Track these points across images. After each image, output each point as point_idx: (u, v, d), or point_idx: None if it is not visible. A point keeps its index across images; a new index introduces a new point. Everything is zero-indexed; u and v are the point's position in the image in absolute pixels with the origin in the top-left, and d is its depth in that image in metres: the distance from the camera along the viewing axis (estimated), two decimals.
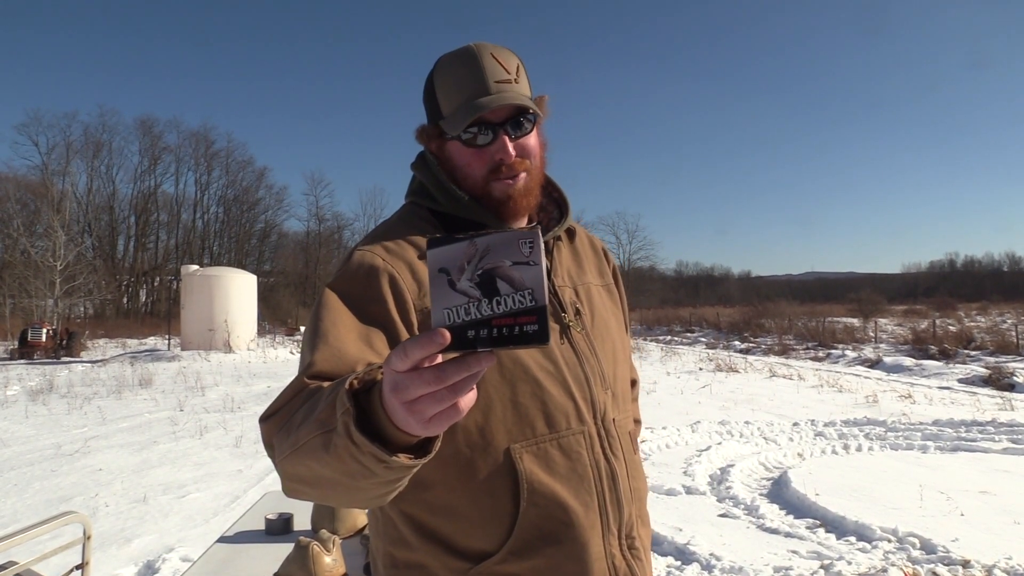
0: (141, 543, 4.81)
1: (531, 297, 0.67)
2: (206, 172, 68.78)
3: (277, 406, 1.03)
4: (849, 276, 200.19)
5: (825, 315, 36.94)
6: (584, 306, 1.31)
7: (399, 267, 1.17)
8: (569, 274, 1.34)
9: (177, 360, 20.76)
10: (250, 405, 11.62)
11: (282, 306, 51.09)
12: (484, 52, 1.22)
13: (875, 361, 18.95)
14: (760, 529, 5.04)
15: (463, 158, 1.24)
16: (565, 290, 1.30)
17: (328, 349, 1.05)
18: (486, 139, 1.21)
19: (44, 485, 6.43)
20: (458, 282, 0.68)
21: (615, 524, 1.21)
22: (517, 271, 0.67)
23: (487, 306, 0.67)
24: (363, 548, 2.23)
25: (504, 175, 1.23)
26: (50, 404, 11.89)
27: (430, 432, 0.74)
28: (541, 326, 0.66)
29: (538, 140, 1.28)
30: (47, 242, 35.70)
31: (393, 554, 1.21)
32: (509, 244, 0.68)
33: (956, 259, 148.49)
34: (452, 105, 1.22)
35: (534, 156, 1.26)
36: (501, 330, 0.67)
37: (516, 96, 1.20)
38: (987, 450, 7.63)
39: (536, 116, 1.25)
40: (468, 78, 1.20)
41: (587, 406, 1.22)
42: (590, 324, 1.30)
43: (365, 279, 1.15)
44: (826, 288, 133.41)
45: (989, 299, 69.71)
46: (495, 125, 1.21)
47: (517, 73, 1.23)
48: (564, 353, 1.23)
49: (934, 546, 4.54)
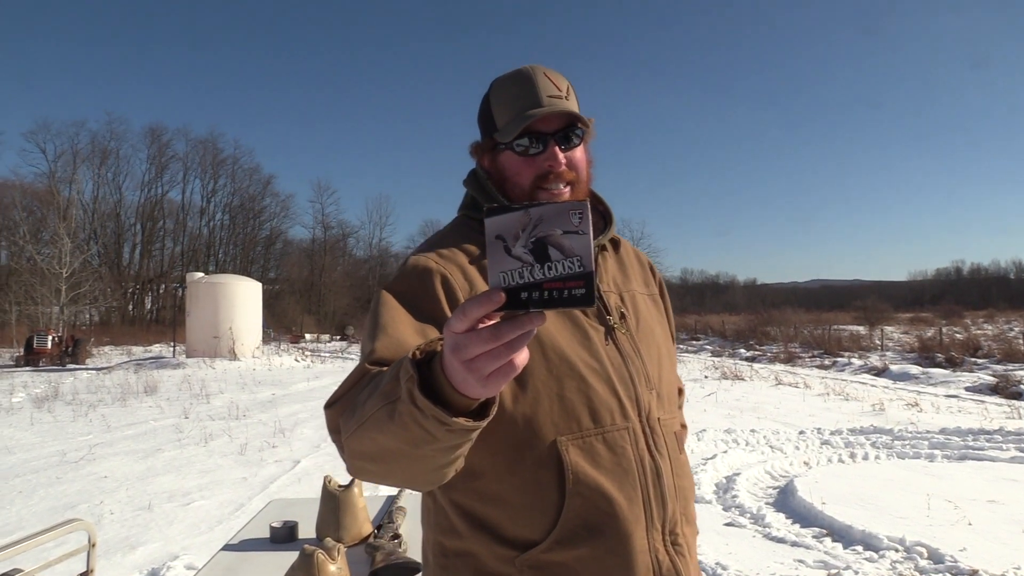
0: (146, 551, 4.81)
1: (579, 263, 0.72)
2: (212, 180, 69.10)
3: (341, 392, 1.10)
4: (855, 284, 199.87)
5: (831, 323, 36.87)
6: (629, 311, 1.36)
7: (451, 269, 1.24)
8: (615, 281, 1.39)
9: (182, 367, 20.79)
10: (255, 413, 11.63)
11: (287, 313, 51.25)
12: (537, 71, 1.30)
13: (881, 369, 18.90)
14: (766, 538, 5.01)
15: (514, 167, 1.31)
16: (610, 295, 1.35)
17: (387, 338, 1.12)
18: (537, 149, 1.28)
19: (49, 492, 6.43)
20: (513, 248, 0.73)
21: (659, 519, 1.24)
22: (567, 239, 0.73)
23: (539, 270, 0.73)
24: (368, 556, 2.22)
25: (551, 184, 1.29)
26: (55, 411, 11.91)
27: (488, 391, 0.79)
28: (588, 290, 0.72)
29: (585, 156, 1.35)
30: (53, 249, 35.79)
31: (443, 543, 1.26)
32: (560, 214, 0.73)
33: (962, 267, 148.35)
34: (505, 118, 1.29)
35: (581, 170, 1.33)
36: (551, 292, 0.72)
37: (566, 105, 1.27)
38: (995, 459, 7.58)
39: (584, 131, 1.32)
40: (521, 93, 1.28)
41: (632, 404, 1.26)
42: (635, 328, 1.35)
43: (419, 279, 1.22)
44: (832, 296, 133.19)
45: (996, 307, 69.57)
46: (546, 136, 1.28)
47: (567, 92, 1.31)
48: (609, 353, 1.27)
49: (942, 556, 4.51)
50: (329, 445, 8.59)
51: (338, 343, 42.28)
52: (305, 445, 8.63)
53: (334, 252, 73.20)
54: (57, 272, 33.92)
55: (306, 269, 70.38)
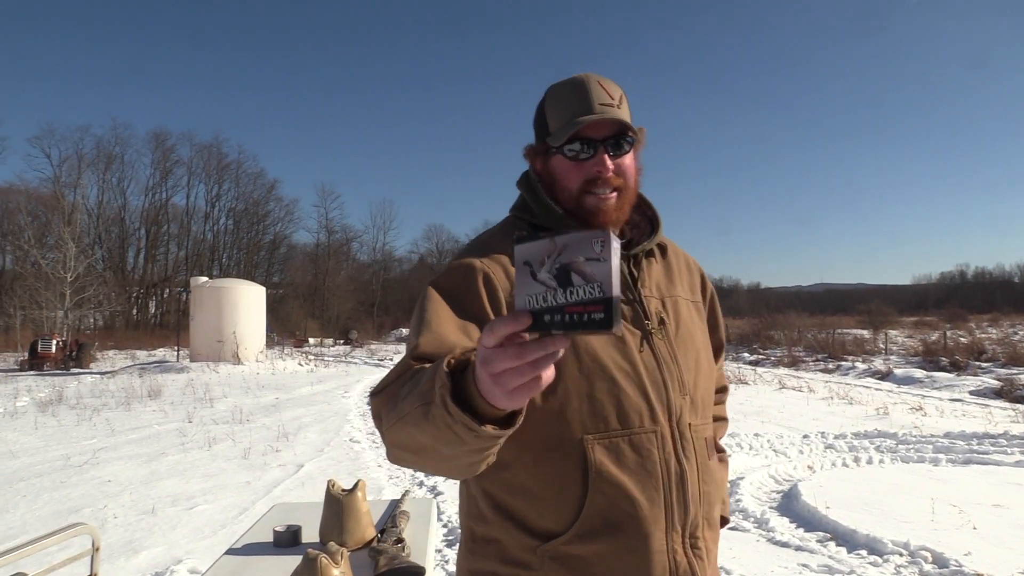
0: (149, 555, 4.81)
1: (600, 289, 0.77)
2: (216, 184, 69.24)
3: (385, 383, 1.18)
4: (859, 287, 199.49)
5: (835, 327, 36.80)
6: (669, 316, 1.39)
7: (494, 268, 1.30)
8: (658, 286, 1.42)
9: (186, 372, 20.81)
10: (259, 417, 11.63)
11: (291, 318, 51.28)
12: (591, 79, 1.34)
13: (885, 373, 18.86)
14: (770, 543, 5.00)
15: (563, 171, 1.35)
16: (651, 300, 1.38)
17: (431, 334, 1.19)
18: (587, 154, 1.32)
19: (53, 496, 6.44)
20: (539, 273, 0.79)
21: (680, 522, 1.27)
22: (589, 266, 0.77)
23: (561, 295, 0.78)
24: (371, 561, 2.22)
25: (599, 188, 1.33)
26: (59, 415, 11.93)
27: (513, 404, 0.86)
28: (607, 315, 0.76)
29: (634, 163, 1.38)
30: (58, 254, 35.84)
31: (473, 528, 1.34)
32: (583, 242, 0.78)
33: (967, 270, 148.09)
34: (558, 123, 1.34)
35: (629, 176, 1.36)
36: (572, 316, 0.77)
37: (617, 114, 1.31)
38: (999, 463, 7.56)
39: (634, 139, 1.36)
40: (575, 99, 1.32)
41: (662, 408, 1.29)
42: (673, 333, 1.37)
43: (463, 278, 1.29)
44: (836, 299, 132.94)
45: (1000, 310, 69.36)
46: (596, 142, 1.32)
47: (620, 101, 1.35)
48: (644, 357, 1.31)
49: (946, 560, 4.49)
50: (332, 449, 8.60)
51: (342, 347, 42.30)
52: (309, 449, 8.63)
53: (338, 256, 73.34)
54: (61, 277, 34.00)
55: (310, 273, 70.50)
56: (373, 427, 10.39)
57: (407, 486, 6.66)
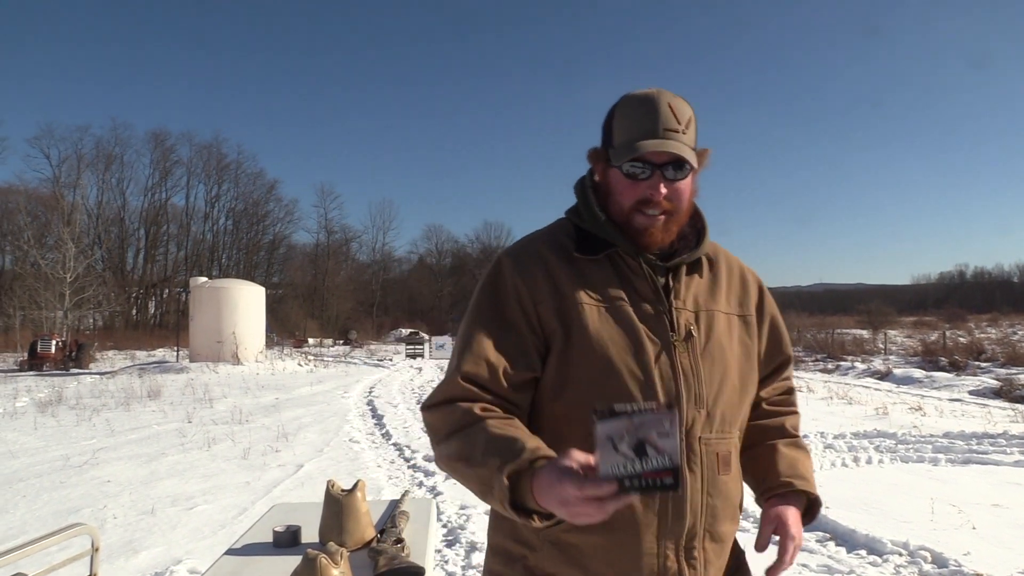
0: (149, 555, 4.81)
1: (669, 460, 0.98)
2: (216, 184, 69.20)
3: (436, 400, 1.36)
4: (858, 287, 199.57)
5: (834, 327, 36.85)
6: (699, 330, 1.41)
7: (528, 275, 1.40)
8: (695, 299, 1.44)
9: (185, 372, 20.81)
10: (258, 417, 11.64)
11: (290, 318, 51.27)
12: (663, 99, 1.37)
13: (885, 373, 18.87)
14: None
15: (619, 186, 1.40)
16: (683, 313, 1.41)
17: (472, 356, 1.34)
18: (644, 175, 1.37)
19: (52, 497, 6.44)
20: (619, 447, 0.98)
21: (675, 530, 1.34)
22: (661, 440, 0.98)
23: (639, 464, 0.98)
24: (371, 561, 2.22)
25: (649, 209, 1.38)
26: (59, 416, 11.93)
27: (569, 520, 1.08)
28: (675, 479, 0.98)
29: (690, 187, 1.43)
30: (57, 254, 35.84)
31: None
32: (656, 421, 0.98)
33: (966, 270, 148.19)
34: (622, 138, 1.38)
35: (681, 200, 1.40)
36: (647, 481, 0.98)
37: (678, 147, 1.35)
38: (999, 463, 7.56)
39: (692, 167, 1.39)
40: (642, 119, 1.36)
41: None
42: (700, 347, 1.39)
43: (500, 286, 1.40)
44: (835, 299, 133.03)
45: (1000, 310, 69.42)
46: (654, 165, 1.36)
47: (687, 125, 1.38)
48: (661, 368, 1.34)
49: (946, 560, 4.50)
50: (331, 449, 8.60)
51: (341, 347, 42.31)
52: (308, 449, 8.63)
53: (337, 257, 73.28)
54: (61, 277, 33.99)
55: (309, 274, 70.48)
56: (372, 427, 10.41)
57: (407, 486, 6.66)
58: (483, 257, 74.86)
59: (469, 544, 4.88)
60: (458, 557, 4.65)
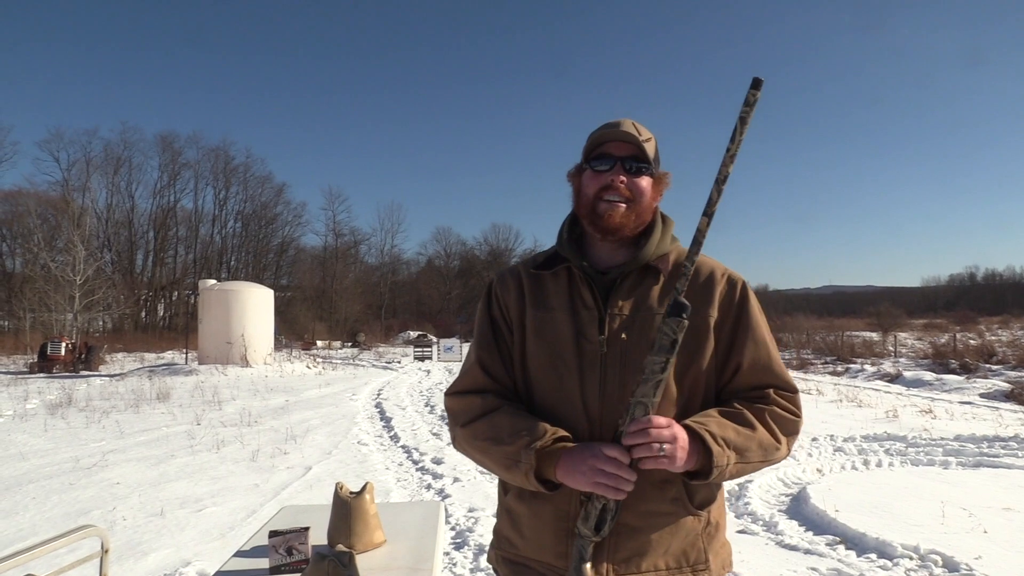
0: (158, 557, 4.83)
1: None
2: (224, 188, 69.38)
3: (459, 388, 1.68)
4: (868, 289, 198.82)
5: (844, 329, 36.64)
6: (632, 332, 1.55)
7: (504, 288, 1.70)
8: (635, 303, 1.58)
9: (194, 374, 20.87)
10: (267, 419, 11.66)
11: (299, 320, 51.27)
12: (627, 120, 1.61)
13: (895, 375, 18.78)
14: (779, 546, 4.99)
15: (587, 181, 1.62)
16: (617, 316, 1.56)
17: (479, 348, 1.69)
18: (605, 166, 1.59)
19: (62, 498, 6.46)
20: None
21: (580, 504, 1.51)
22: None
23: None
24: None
25: (610, 195, 1.57)
26: (69, 418, 11.97)
27: (584, 488, 1.43)
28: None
29: (651, 190, 1.61)
30: (67, 257, 35.93)
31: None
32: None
33: (976, 272, 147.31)
34: (590, 144, 1.63)
35: (641, 193, 1.60)
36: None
37: (638, 143, 1.57)
38: (1010, 466, 7.52)
39: (651, 168, 1.61)
40: (607, 127, 1.61)
41: (585, 420, 1.53)
42: (629, 348, 1.53)
43: (486, 295, 1.73)
44: (844, 302, 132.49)
45: (1011, 312, 68.87)
46: (615, 157, 1.59)
47: (647, 140, 1.60)
48: (585, 369, 1.55)
49: (957, 564, 4.47)
50: (340, 452, 8.61)
51: (350, 350, 42.36)
52: (316, 452, 8.65)
53: (346, 259, 73.27)
54: (71, 279, 34.10)
55: (318, 276, 70.51)
56: (381, 430, 10.42)
57: (415, 489, 6.67)
58: (491, 259, 74.84)
59: (477, 547, 4.87)
60: (466, 560, 4.65)
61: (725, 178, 1.36)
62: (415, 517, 2.81)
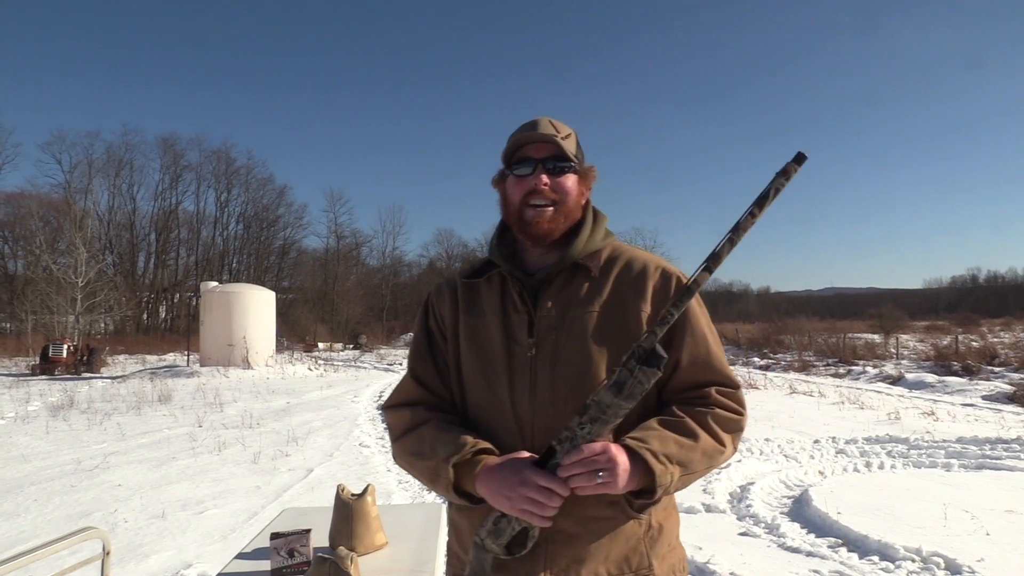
0: (159, 559, 4.83)
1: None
2: (226, 190, 69.44)
3: (391, 402, 1.65)
4: (870, 291, 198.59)
5: (845, 331, 36.51)
6: (562, 331, 1.52)
7: (440, 298, 1.69)
8: (566, 301, 1.54)
9: (196, 376, 20.88)
10: (268, 421, 11.66)
11: (300, 322, 51.30)
12: (544, 118, 1.59)
13: (897, 378, 18.74)
14: (781, 548, 4.98)
15: (511, 188, 1.58)
16: (545, 317, 1.53)
17: (414, 360, 1.68)
18: (526, 170, 1.55)
19: (64, 500, 6.47)
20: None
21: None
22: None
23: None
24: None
25: (535, 200, 1.54)
26: (70, 420, 11.99)
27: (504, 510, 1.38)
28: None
29: (577, 187, 1.58)
30: (69, 259, 35.98)
31: None
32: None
33: (979, 274, 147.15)
34: (508, 148, 1.59)
35: (566, 193, 1.56)
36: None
37: (556, 141, 1.53)
38: (1012, 468, 7.50)
39: (573, 165, 1.57)
40: (524, 129, 1.58)
41: (515, 424, 1.50)
42: (559, 346, 1.51)
43: (423, 307, 1.73)
44: (846, 304, 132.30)
45: (1013, 314, 68.71)
46: (536, 160, 1.55)
47: (567, 137, 1.57)
48: (515, 369, 1.52)
49: (959, 566, 4.46)
50: (341, 454, 8.61)
51: (351, 352, 42.37)
52: (318, 454, 8.65)
53: (347, 261, 73.30)
54: (73, 282, 34.14)
55: (319, 278, 70.52)
56: (383, 432, 10.41)
57: (416, 491, 6.67)
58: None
59: None
60: None
61: (739, 239, 1.30)
62: (417, 519, 2.81)
